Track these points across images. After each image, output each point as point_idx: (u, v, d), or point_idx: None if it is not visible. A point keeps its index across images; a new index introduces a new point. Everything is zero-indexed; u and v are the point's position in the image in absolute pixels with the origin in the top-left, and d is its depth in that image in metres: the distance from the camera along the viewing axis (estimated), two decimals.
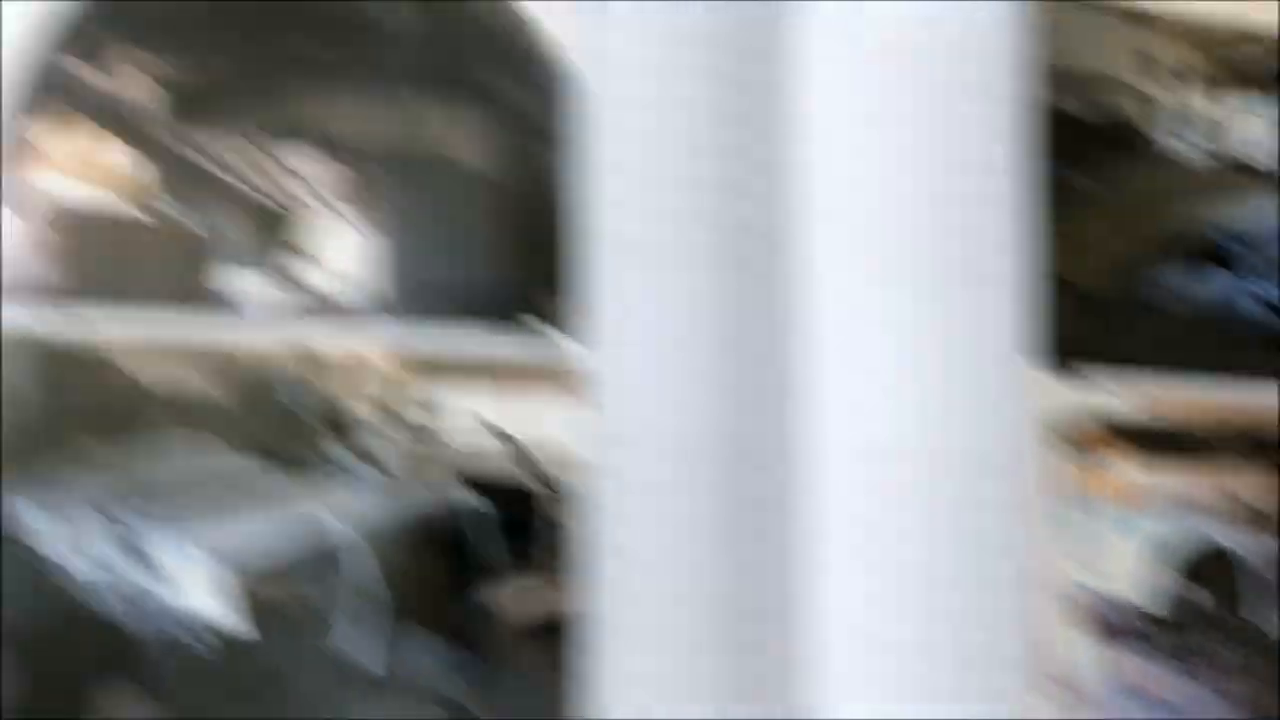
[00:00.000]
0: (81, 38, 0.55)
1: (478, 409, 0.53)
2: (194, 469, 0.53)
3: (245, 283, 0.54)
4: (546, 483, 0.51)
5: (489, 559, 0.51)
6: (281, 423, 0.53)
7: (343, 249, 0.54)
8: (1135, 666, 0.53)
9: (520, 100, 0.54)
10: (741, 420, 0.51)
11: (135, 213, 0.55)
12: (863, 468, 0.50)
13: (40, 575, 0.52)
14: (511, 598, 0.51)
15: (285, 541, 0.52)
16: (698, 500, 0.50)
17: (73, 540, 0.52)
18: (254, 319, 0.54)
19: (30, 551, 0.53)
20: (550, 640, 0.50)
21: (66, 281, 0.54)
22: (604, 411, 0.51)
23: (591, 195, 0.52)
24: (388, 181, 0.55)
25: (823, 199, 0.51)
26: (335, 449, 0.53)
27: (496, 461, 0.52)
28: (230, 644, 0.51)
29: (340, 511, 0.52)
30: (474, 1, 0.55)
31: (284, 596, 0.51)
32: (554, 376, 0.52)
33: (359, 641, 0.51)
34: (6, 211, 0.54)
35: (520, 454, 0.52)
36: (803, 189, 0.51)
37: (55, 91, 0.55)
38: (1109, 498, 0.53)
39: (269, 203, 0.55)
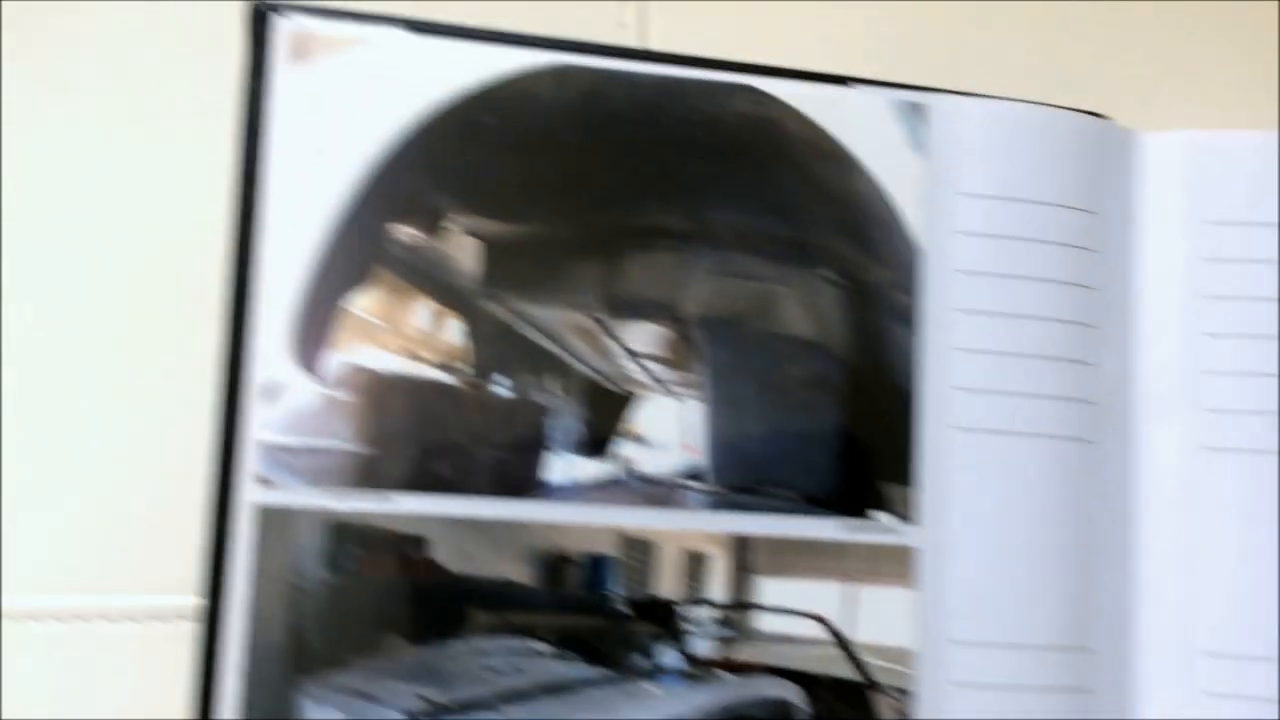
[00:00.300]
0: (407, 199, 0.48)
1: (801, 597, 0.51)
2: (504, 668, 0.49)
3: (574, 468, 0.49)
4: (871, 677, 0.50)
5: None
6: (599, 614, 0.50)
7: (676, 430, 0.50)
8: None
9: (869, 274, 0.51)
10: (1080, 621, 0.51)
11: (462, 389, 0.49)
12: (1205, 665, 0.52)
13: None
14: None
15: None
16: (1028, 700, 0.51)
17: None
18: (582, 505, 0.49)
19: None
20: None
21: (388, 466, 0.48)
22: (938, 603, 0.50)
23: (936, 374, 0.50)
24: (727, 359, 0.50)
25: (1154, 371, 0.51)
26: (652, 640, 0.50)
27: (817, 653, 0.51)
28: None
29: (648, 707, 0.50)
30: (825, 167, 0.51)
31: None
32: (884, 564, 0.50)
33: None
34: (321, 388, 0.48)
35: (844, 646, 0.50)
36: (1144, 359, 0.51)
37: (379, 259, 0.48)
38: None
39: (607, 383, 0.50)
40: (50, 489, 0.53)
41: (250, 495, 0.48)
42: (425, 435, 0.49)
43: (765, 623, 0.51)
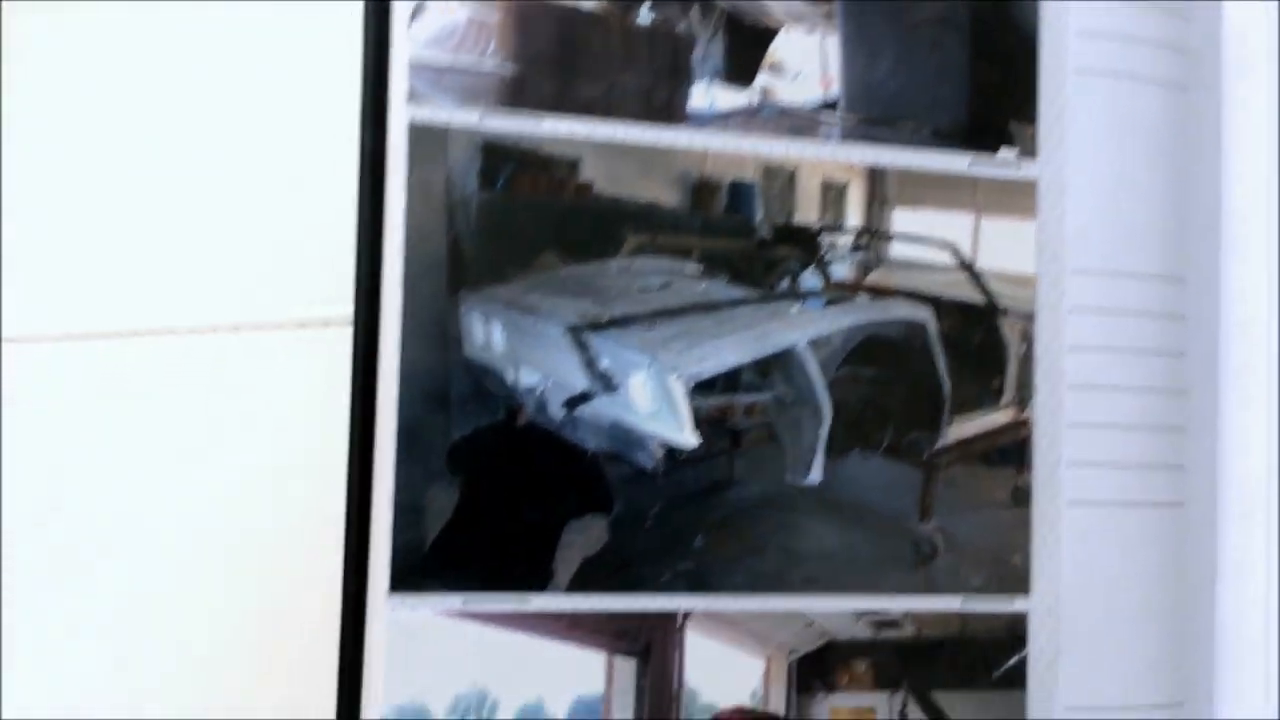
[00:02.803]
0: None
1: (935, 227, 0.55)
2: (655, 286, 0.52)
3: (716, 97, 0.52)
4: (996, 301, 0.55)
5: (936, 378, 0.55)
6: (743, 238, 0.53)
7: (815, 63, 0.54)
8: None
9: None
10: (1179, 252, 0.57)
11: (606, 15, 0.51)
12: None
13: (495, 392, 0.51)
14: (958, 419, 0.55)
15: (736, 354, 0.53)
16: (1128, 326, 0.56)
17: (533, 357, 0.51)
18: (725, 132, 0.52)
19: (487, 368, 0.51)
20: (996, 464, 0.55)
21: (536, 88, 0.50)
22: (1057, 234, 0.55)
23: (1054, 18, 0.54)
24: None
25: None
26: (793, 264, 0.54)
27: (947, 279, 0.55)
28: (676, 456, 0.52)
29: (792, 325, 0.53)
30: None
31: (732, 408, 0.53)
32: (1009, 198, 0.55)
33: (801, 453, 0.53)
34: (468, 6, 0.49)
35: (972, 272, 0.55)
36: None
37: None
38: None
39: (748, 16, 0.53)
40: None
41: (402, 112, 0.50)
42: (572, 58, 0.52)
43: (899, 250, 0.55)
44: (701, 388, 0.51)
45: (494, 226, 0.50)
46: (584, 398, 0.50)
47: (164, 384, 0.57)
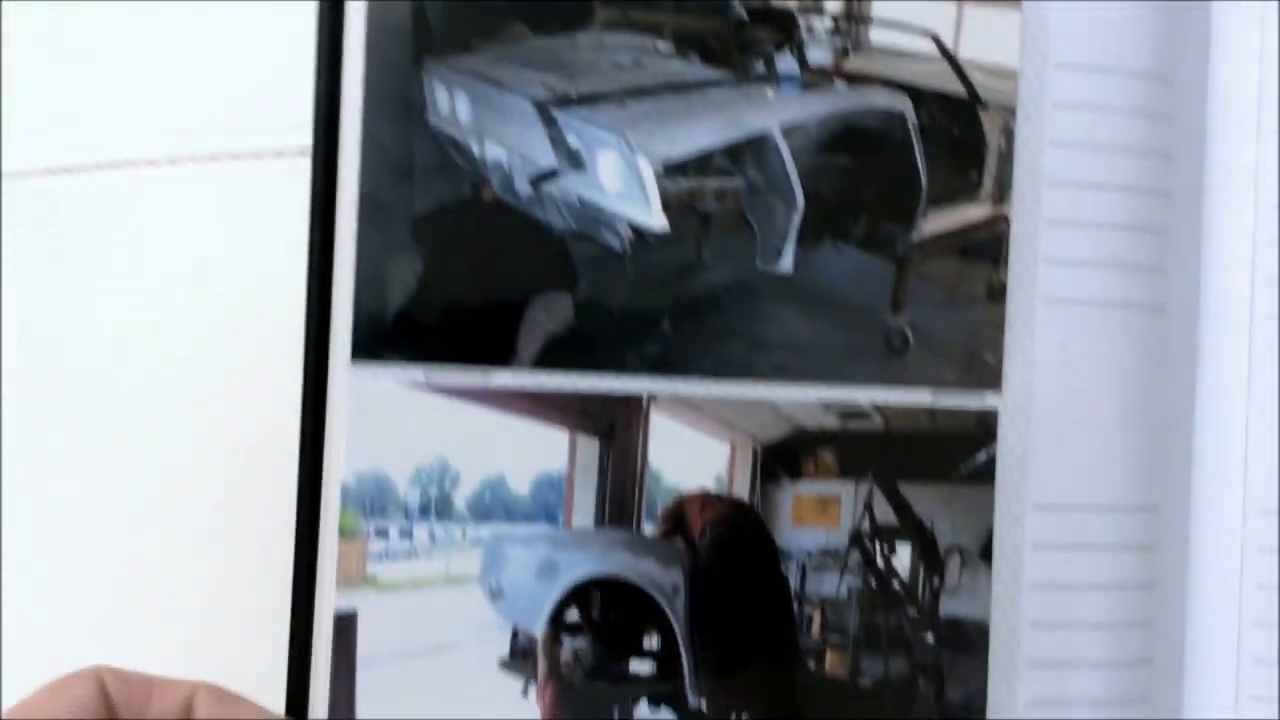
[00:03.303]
0: None
1: (916, 14, 0.55)
2: (626, 64, 0.52)
3: None
4: (978, 93, 0.55)
5: (913, 169, 0.55)
6: (718, 17, 0.53)
7: None
8: None
9: None
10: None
11: None
12: None
13: (460, 166, 0.51)
14: (934, 212, 0.55)
15: (708, 137, 0.53)
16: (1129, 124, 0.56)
17: (500, 132, 0.51)
18: None
19: (452, 141, 0.51)
20: (972, 259, 0.55)
21: None
22: (1041, 25, 0.54)
23: None
24: None
25: None
26: (768, 46, 0.54)
27: (928, 68, 0.55)
28: (645, 238, 0.52)
29: (766, 110, 0.53)
30: None
31: (702, 192, 0.53)
32: None
33: (772, 241, 0.54)
34: None
35: (956, 63, 0.55)
36: None
37: None
38: None
39: None
40: None
41: None
42: None
43: (879, 36, 0.55)
44: (671, 170, 0.52)
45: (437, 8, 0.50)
46: (551, 175, 0.51)
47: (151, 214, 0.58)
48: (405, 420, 0.50)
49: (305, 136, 0.49)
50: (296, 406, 0.49)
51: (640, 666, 0.53)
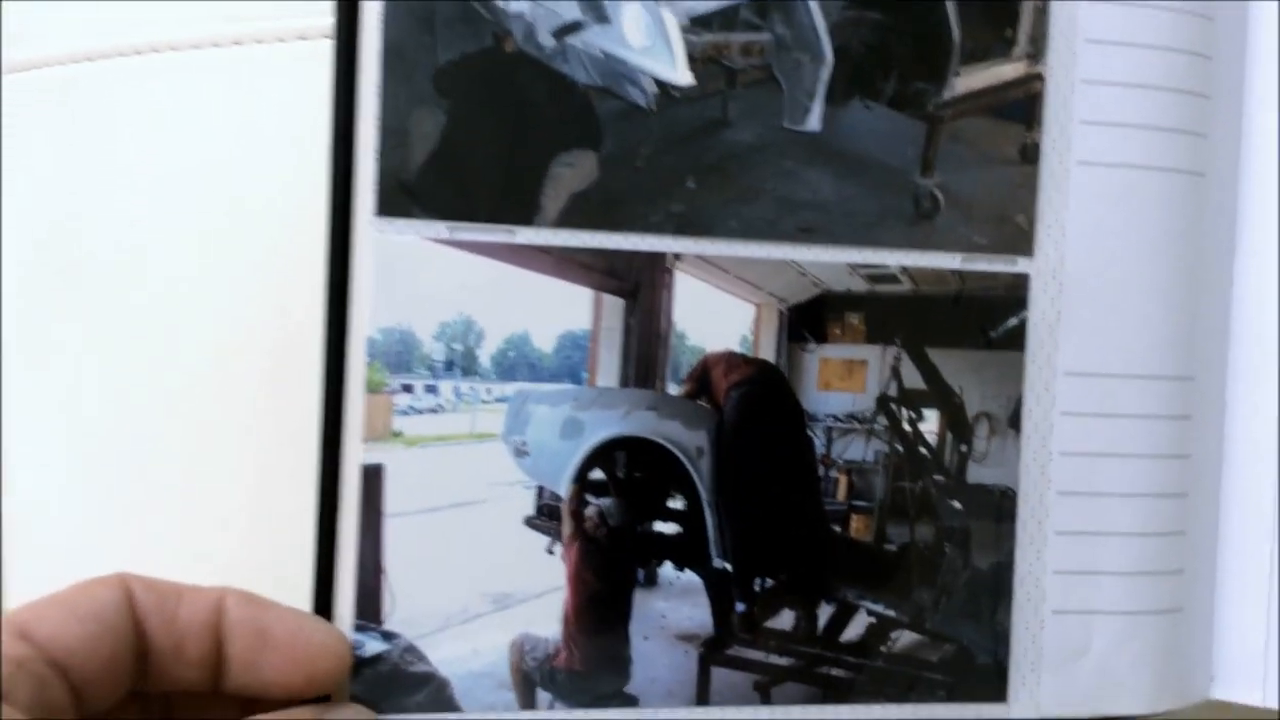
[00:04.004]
0: None
1: None
2: None
3: None
4: None
5: (945, 25, 0.55)
6: None
7: None
8: None
9: None
10: None
11: None
12: None
13: (483, 16, 0.52)
14: (966, 70, 0.56)
15: None
16: None
17: None
18: None
19: None
20: (1005, 119, 0.56)
21: None
22: None
23: None
24: None
25: None
26: None
27: None
28: (670, 94, 0.53)
29: None
30: None
31: (728, 46, 0.53)
32: None
33: (800, 98, 0.54)
34: None
35: None
36: None
37: None
38: None
39: None
40: None
41: None
42: None
43: None
44: (697, 24, 0.52)
45: None
46: (575, 27, 0.51)
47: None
48: (430, 276, 0.51)
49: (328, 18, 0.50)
50: (323, 265, 0.50)
51: (665, 528, 0.54)
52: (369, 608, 0.50)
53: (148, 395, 0.57)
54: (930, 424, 0.55)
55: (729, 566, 0.53)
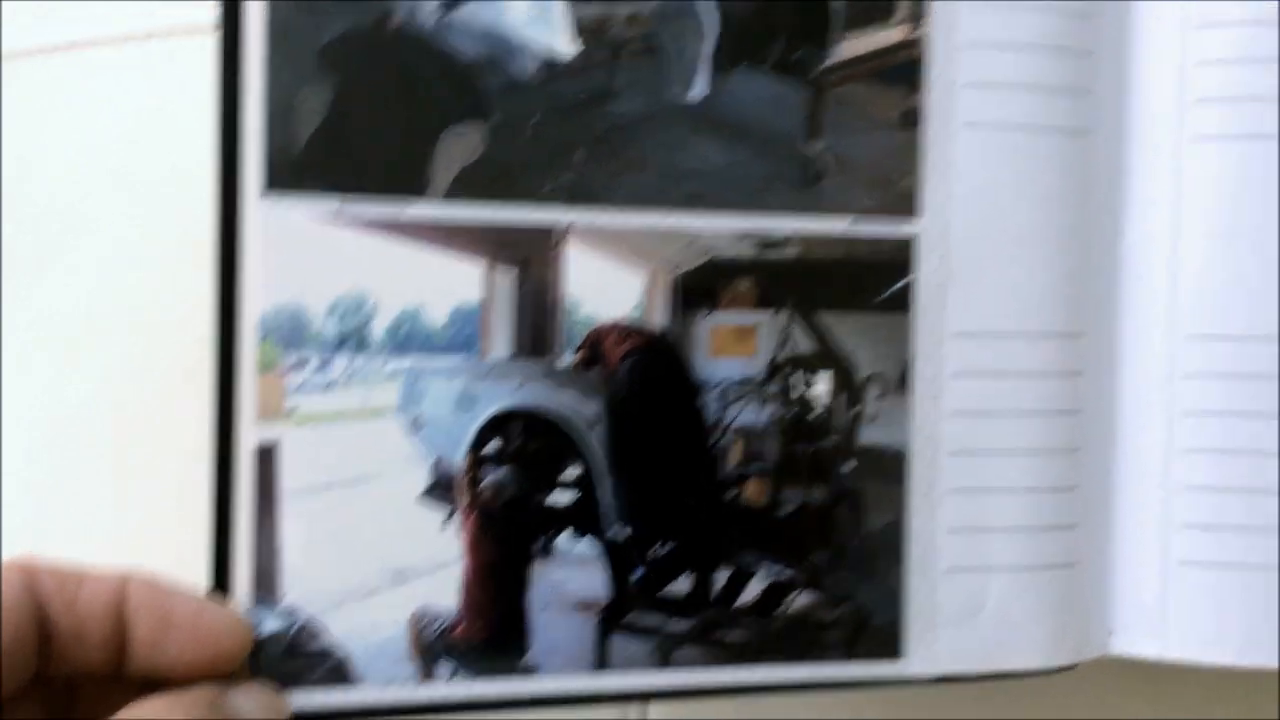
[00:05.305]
0: None
1: None
2: None
3: None
4: None
5: None
6: None
7: None
8: None
9: None
10: None
11: None
12: None
13: None
14: (849, 35, 0.59)
15: None
16: None
17: None
18: None
19: None
20: (889, 83, 0.59)
21: None
22: None
23: None
24: None
25: None
26: None
27: None
28: (555, 67, 0.56)
29: None
30: None
31: (613, 17, 0.56)
32: None
33: (684, 67, 0.57)
34: None
35: None
36: None
37: None
38: None
39: None
40: None
41: None
42: None
43: None
44: None
45: None
46: (457, 1, 0.54)
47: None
48: (320, 253, 0.54)
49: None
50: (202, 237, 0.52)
51: (561, 498, 0.57)
52: (267, 586, 0.53)
53: (66, 379, 0.59)
54: (822, 387, 0.59)
55: (625, 535, 0.57)
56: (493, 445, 0.56)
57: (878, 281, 0.58)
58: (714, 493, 0.57)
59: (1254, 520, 0.59)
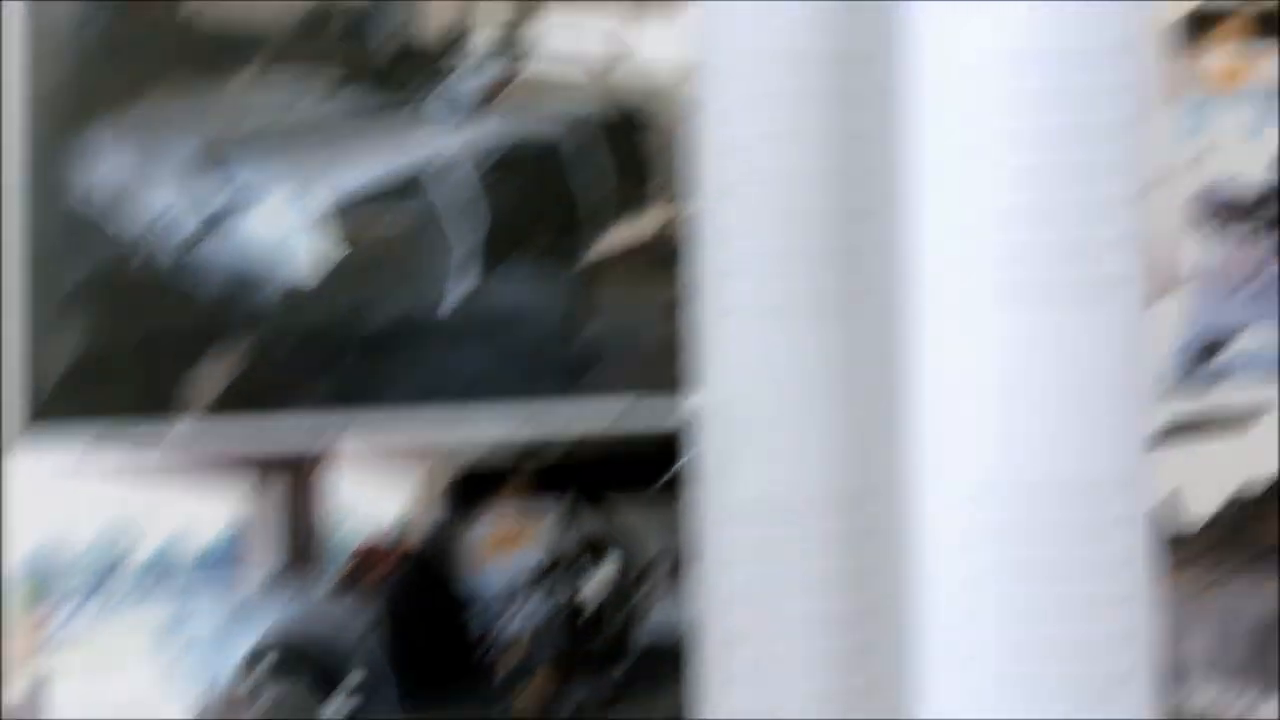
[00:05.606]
0: None
1: (579, 32, 0.58)
2: (279, 106, 0.55)
3: None
4: (645, 111, 0.58)
5: (580, 190, 0.58)
6: (372, 54, 0.56)
7: None
8: None
9: None
10: None
11: None
12: None
13: (108, 235, 0.54)
14: (611, 228, 0.59)
15: (361, 177, 0.56)
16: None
17: (153, 186, 0.54)
18: None
19: (101, 209, 0.54)
20: (656, 269, 0.59)
21: None
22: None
23: None
24: None
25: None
26: (427, 80, 0.57)
27: (592, 87, 0.58)
28: (297, 294, 0.56)
29: (422, 146, 0.57)
30: None
31: (367, 226, 0.56)
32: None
33: (445, 270, 0.58)
34: None
35: (620, 80, 0.58)
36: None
37: None
38: None
39: None
40: None
41: None
42: None
43: (542, 55, 0.58)
44: (332, 208, 0.55)
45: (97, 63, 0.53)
46: (201, 237, 0.54)
47: None
48: (76, 491, 0.54)
49: None
50: None
51: (345, 705, 0.57)
52: None
53: None
54: (603, 576, 0.59)
55: None
56: (265, 665, 0.56)
57: (657, 463, 0.58)
58: (492, 699, 0.58)
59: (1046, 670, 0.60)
